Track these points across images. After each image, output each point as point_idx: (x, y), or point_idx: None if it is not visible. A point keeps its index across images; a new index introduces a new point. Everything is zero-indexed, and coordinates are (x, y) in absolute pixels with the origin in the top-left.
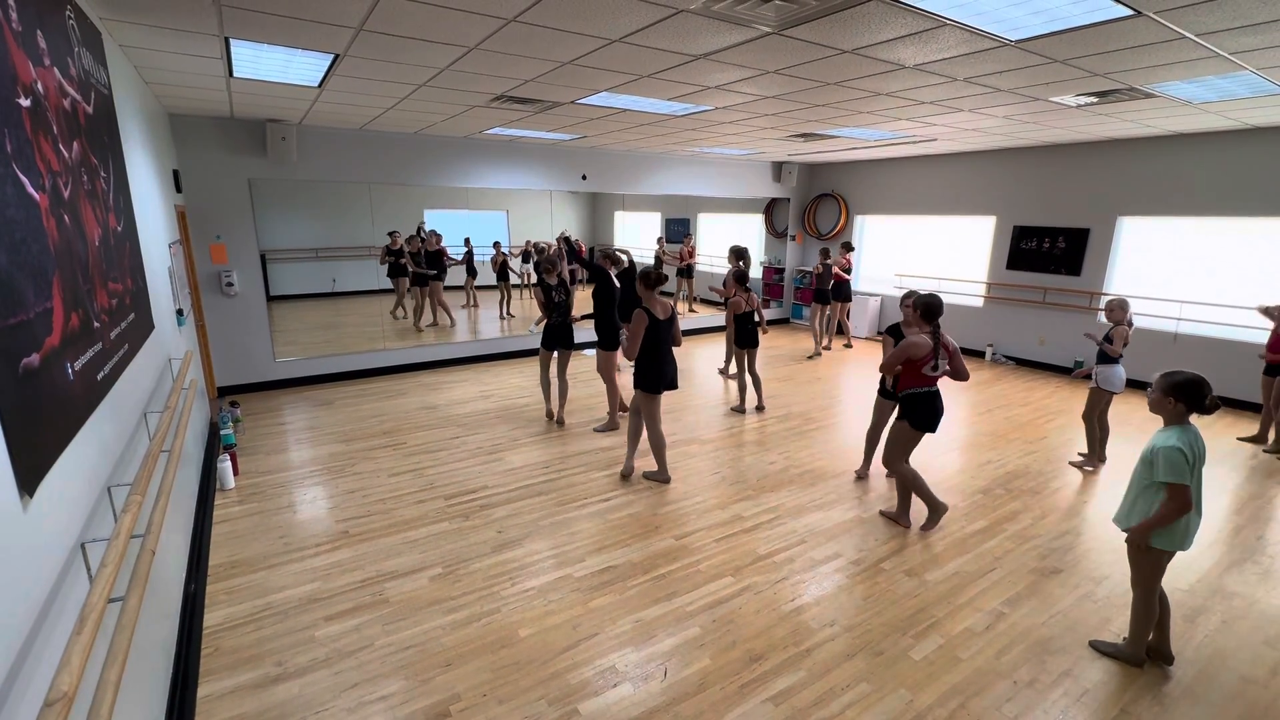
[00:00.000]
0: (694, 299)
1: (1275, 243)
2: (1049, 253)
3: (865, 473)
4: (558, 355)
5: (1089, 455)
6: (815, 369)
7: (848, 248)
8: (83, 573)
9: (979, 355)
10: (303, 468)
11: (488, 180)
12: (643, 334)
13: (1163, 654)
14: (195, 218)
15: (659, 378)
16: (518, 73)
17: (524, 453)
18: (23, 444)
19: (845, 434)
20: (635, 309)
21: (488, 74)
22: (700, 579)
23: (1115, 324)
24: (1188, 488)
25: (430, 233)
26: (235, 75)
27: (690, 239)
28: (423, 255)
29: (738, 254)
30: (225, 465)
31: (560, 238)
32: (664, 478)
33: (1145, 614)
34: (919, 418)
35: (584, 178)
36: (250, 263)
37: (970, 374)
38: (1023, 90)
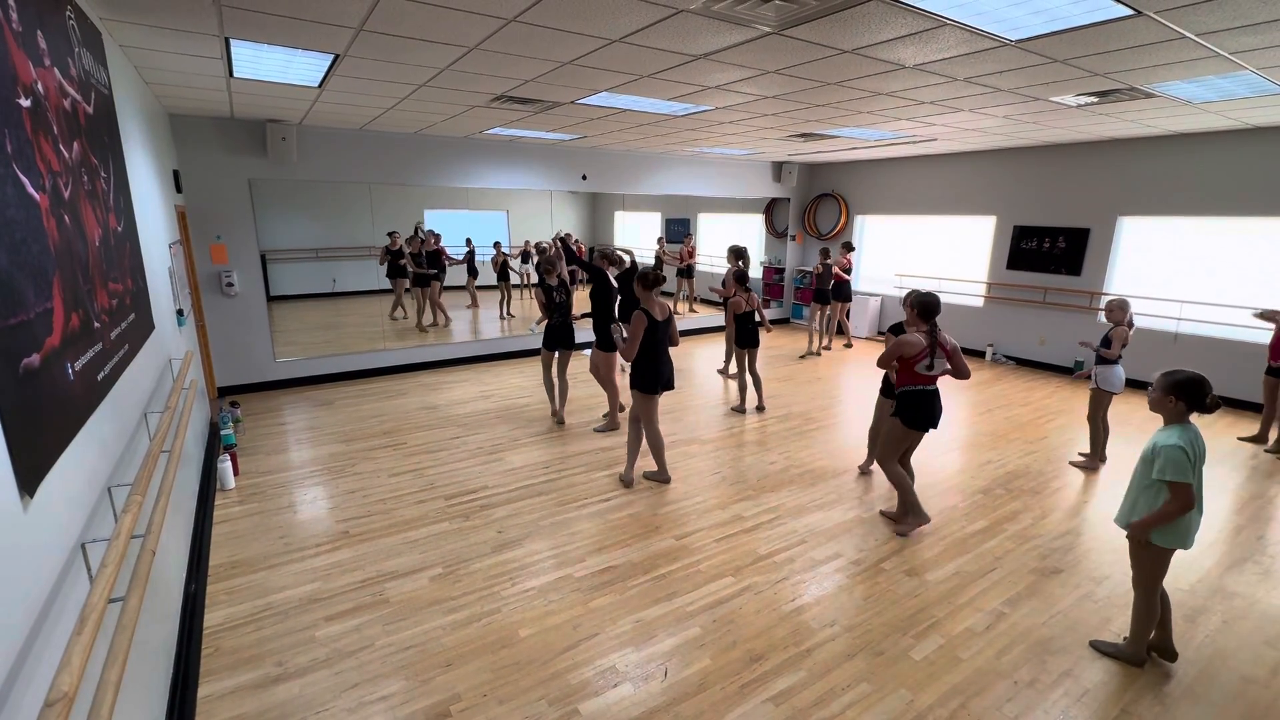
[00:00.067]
0: (694, 299)
1: (1275, 243)
2: (1049, 253)
3: (868, 468)
4: (558, 355)
5: (1090, 455)
6: (815, 369)
7: (848, 248)
8: (83, 573)
9: (979, 355)
10: (303, 468)
11: (488, 180)
12: (639, 330)
13: (1166, 651)
14: (195, 218)
15: (656, 378)
16: (518, 73)
17: (524, 453)
18: (23, 444)
19: (846, 434)
20: (634, 310)
21: (488, 74)
22: (701, 579)
23: (1115, 324)
24: (1190, 486)
25: (428, 233)
26: (235, 75)
27: (690, 239)
28: (423, 255)
29: (737, 253)
30: (225, 465)
31: (557, 238)
32: (664, 478)
33: (1146, 614)
34: (910, 416)
35: (584, 178)
36: (250, 263)
37: (971, 372)
38: (1023, 90)
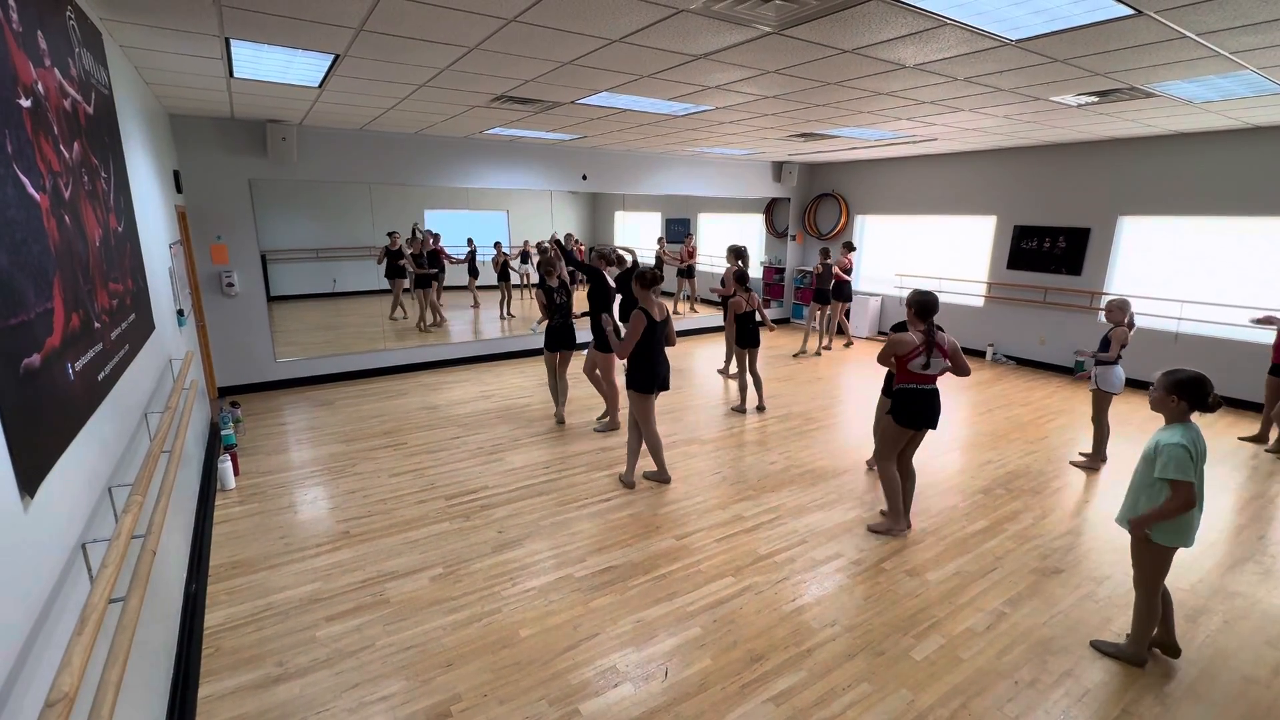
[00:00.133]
0: (696, 300)
1: (1276, 242)
2: (1049, 252)
3: (874, 464)
4: (560, 356)
5: (1091, 455)
6: (815, 369)
7: (849, 247)
8: (83, 573)
9: (980, 355)
10: (303, 468)
11: (488, 180)
12: (637, 329)
13: (1169, 647)
14: (196, 218)
15: (652, 378)
16: (518, 73)
17: (525, 453)
18: (23, 444)
19: (846, 434)
20: (634, 309)
21: (488, 74)
22: (701, 579)
23: (1115, 325)
24: (1192, 485)
25: (425, 233)
26: (235, 75)
27: (691, 239)
28: (424, 256)
29: (736, 253)
30: (226, 465)
31: (552, 240)
32: (664, 478)
33: (1148, 613)
34: (901, 414)
35: (584, 178)
36: (251, 263)
37: (971, 370)
38: (1023, 90)
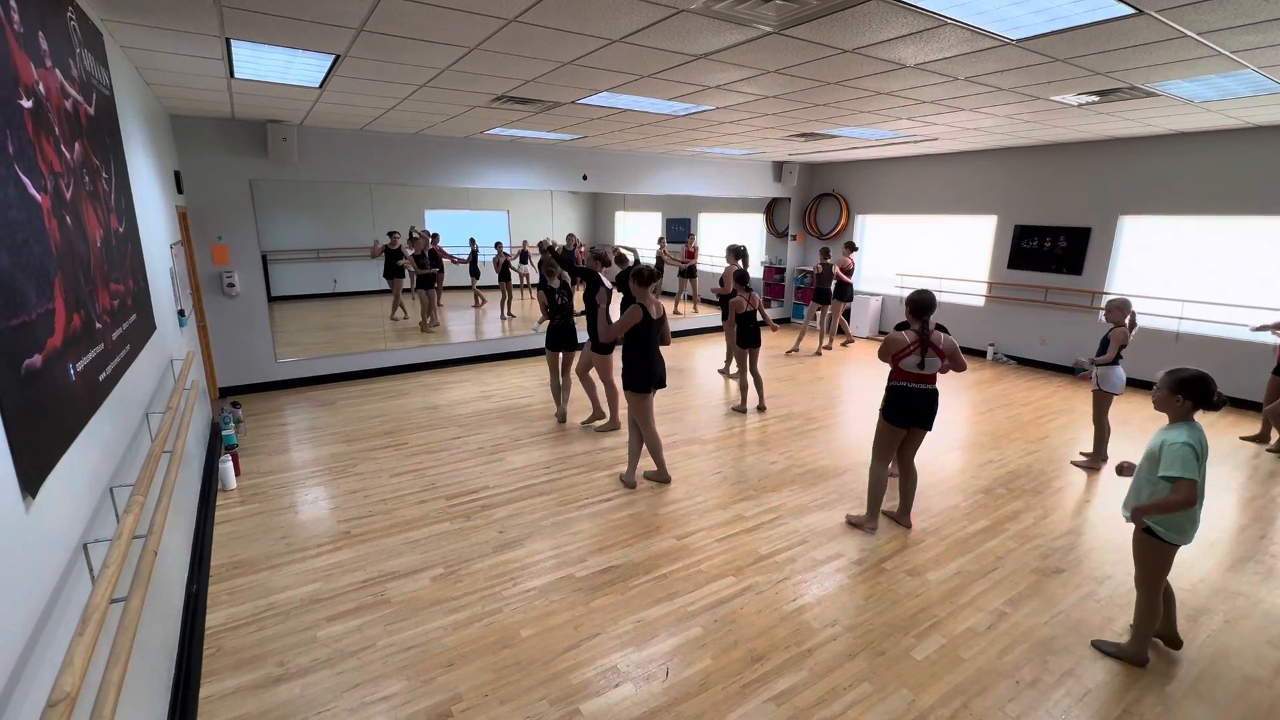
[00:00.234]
0: (697, 300)
1: (1277, 242)
2: (1050, 252)
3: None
4: (562, 356)
5: (1092, 455)
6: (816, 369)
7: (850, 248)
8: (85, 573)
9: (980, 354)
10: (304, 468)
11: (488, 181)
12: (631, 325)
13: (1171, 640)
14: (196, 218)
15: (648, 377)
16: (518, 73)
17: (525, 453)
18: (25, 445)
19: (847, 433)
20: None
21: (488, 74)
22: (702, 579)
23: (1114, 325)
24: (1195, 482)
25: (422, 233)
26: (236, 76)
27: (693, 239)
28: (426, 256)
29: (736, 252)
30: (227, 466)
31: (545, 246)
32: (664, 478)
33: (1149, 612)
34: (891, 410)
35: (585, 178)
36: (251, 263)
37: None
38: (1024, 89)
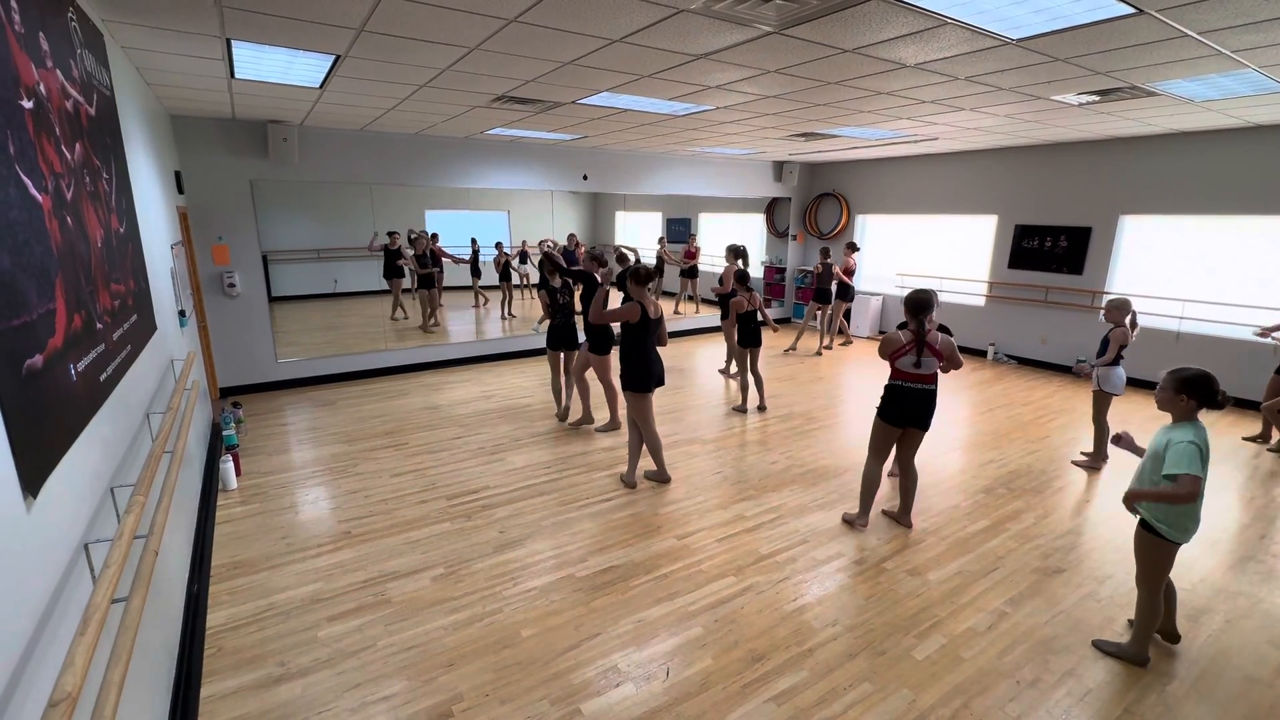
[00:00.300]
0: (699, 300)
1: (1277, 241)
2: (1051, 251)
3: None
4: (564, 356)
5: (1093, 455)
6: (816, 368)
7: (852, 248)
8: (86, 573)
9: (981, 354)
10: (305, 468)
11: (489, 181)
12: (625, 318)
13: (1169, 634)
14: (197, 219)
15: (647, 376)
16: (518, 73)
17: (526, 453)
18: (26, 445)
19: (847, 433)
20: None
21: (488, 74)
22: (702, 579)
23: (1114, 325)
24: (1200, 479)
25: (420, 233)
26: (237, 76)
27: (694, 239)
28: (428, 256)
29: (735, 252)
30: (228, 466)
31: (544, 251)
32: (663, 478)
33: (1150, 611)
34: (886, 409)
35: (585, 178)
36: (252, 264)
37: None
38: (1024, 89)
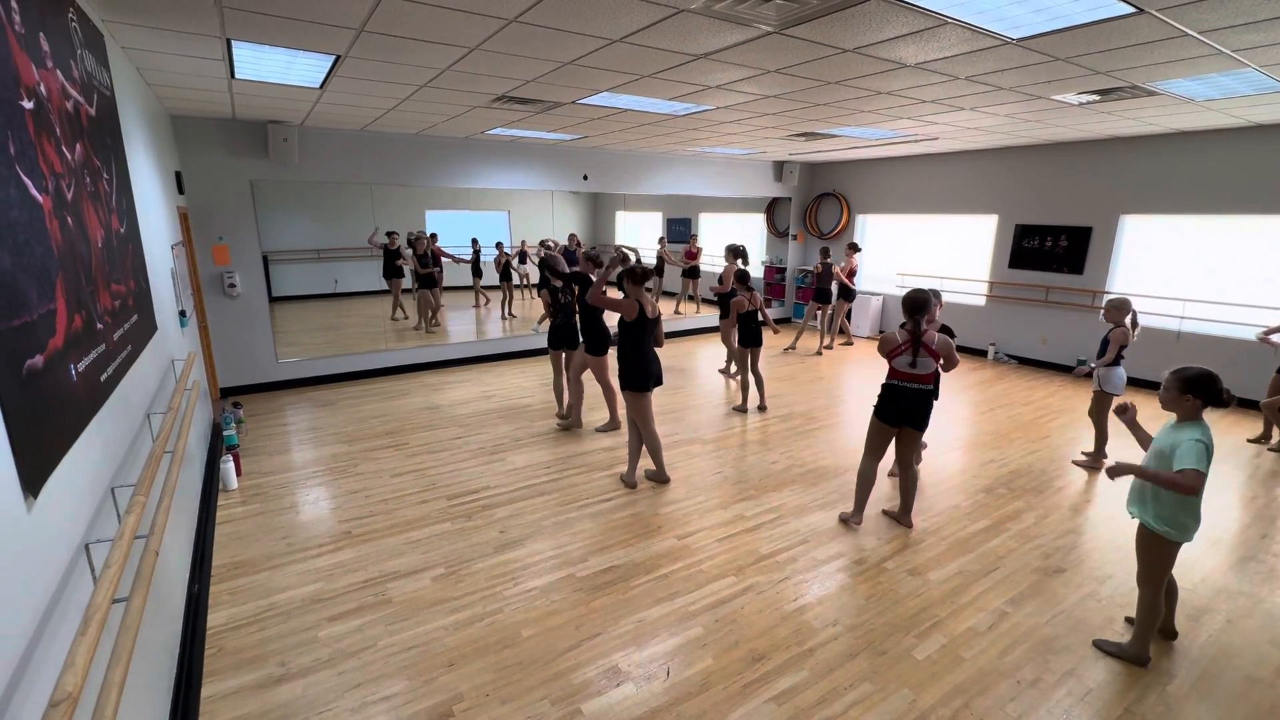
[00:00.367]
0: (700, 300)
1: (1278, 241)
2: (1051, 251)
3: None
4: (565, 355)
5: (1093, 455)
6: (817, 368)
7: (853, 248)
8: (87, 574)
9: (981, 354)
10: (305, 468)
11: (489, 181)
12: (622, 311)
13: (1167, 631)
14: (197, 219)
15: (646, 376)
16: (518, 73)
17: (526, 453)
18: (27, 445)
19: (848, 433)
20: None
21: (488, 74)
22: (702, 579)
23: (1115, 325)
24: (1205, 475)
25: (419, 235)
26: (237, 77)
27: (695, 239)
28: (429, 257)
29: (735, 252)
30: (228, 466)
31: (542, 247)
32: (663, 478)
33: (1151, 610)
34: (881, 408)
35: (585, 178)
36: (252, 264)
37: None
38: (1024, 88)
